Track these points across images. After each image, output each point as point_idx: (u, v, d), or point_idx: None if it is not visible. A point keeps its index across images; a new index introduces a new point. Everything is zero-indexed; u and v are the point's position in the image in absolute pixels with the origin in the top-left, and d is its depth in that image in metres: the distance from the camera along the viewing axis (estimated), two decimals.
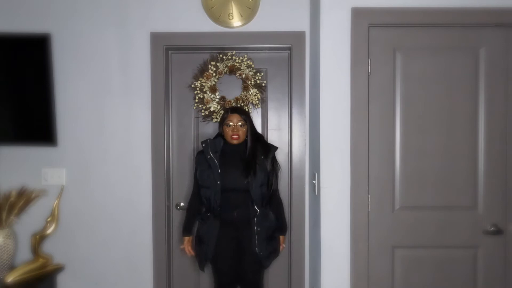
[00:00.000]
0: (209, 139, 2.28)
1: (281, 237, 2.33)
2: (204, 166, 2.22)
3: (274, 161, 2.30)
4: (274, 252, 2.29)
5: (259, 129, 2.54)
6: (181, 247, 2.34)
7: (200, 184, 2.24)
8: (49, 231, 2.39)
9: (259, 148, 2.24)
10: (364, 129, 1.99)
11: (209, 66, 2.45)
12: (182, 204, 2.61)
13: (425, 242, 2.03)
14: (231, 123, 2.21)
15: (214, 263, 2.26)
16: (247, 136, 2.25)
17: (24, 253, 2.47)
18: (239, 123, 2.21)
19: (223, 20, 2.43)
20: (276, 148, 2.31)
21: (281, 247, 2.33)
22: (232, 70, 2.46)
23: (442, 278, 2.04)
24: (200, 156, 2.26)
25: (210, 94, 2.47)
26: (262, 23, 2.45)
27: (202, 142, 2.27)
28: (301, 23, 2.45)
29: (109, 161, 2.49)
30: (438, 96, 2.01)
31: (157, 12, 2.45)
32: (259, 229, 2.19)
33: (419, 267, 2.04)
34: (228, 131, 2.21)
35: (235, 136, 2.20)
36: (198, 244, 2.27)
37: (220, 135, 2.28)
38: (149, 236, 2.50)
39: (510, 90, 2.01)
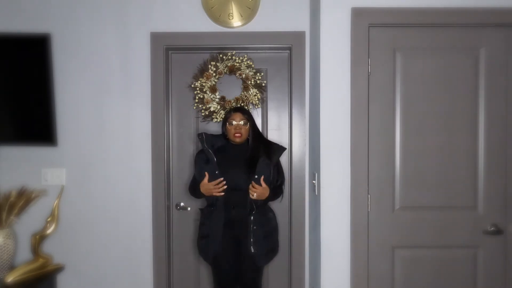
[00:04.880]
0: (205, 133, 2.31)
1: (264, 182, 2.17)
2: (203, 162, 2.25)
3: (279, 165, 2.33)
4: (272, 251, 2.29)
5: (259, 129, 2.53)
6: (216, 190, 2.16)
7: (200, 181, 2.25)
8: (49, 231, 2.38)
9: (261, 148, 2.26)
10: (364, 129, 1.99)
11: (209, 66, 2.45)
12: (182, 204, 2.61)
13: (425, 242, 2.03)
14: (234, 122, 2.24)
15: (215, 263, 2.26)
16: (249, 136, 2.28)
17: (24, 253, 2.47)
18: (241, 122, 2.24)
19: (223, 20, 2.43)
20: (284, 148, 2.32)
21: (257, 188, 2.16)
22: (232, 70, 2.46)
23: (442, 278, 2.04)
24: (200, 155, 2.30)
25: (210, 94, 2.47)
26: (262, 23, 2.45)
27: (198, 135, 2.30)
28: (301, 23, 2.45)
29: (109, 161, 2.49)
30: (438, 96, 2.01)
31: (157, 12, 2.45)
32: (255, 227, 2.20)
33: (419, 267, 2.04)
34: (231, 129, 2.25)
35: (237, 134, 2.23)
36: (202, 238, 2.28)
37: (223, 134, 2.32)
38: (149, 236, 2.50)
39: (510, 90, 2.01)
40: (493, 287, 2.04)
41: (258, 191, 2.17)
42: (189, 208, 2.61)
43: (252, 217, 2.20)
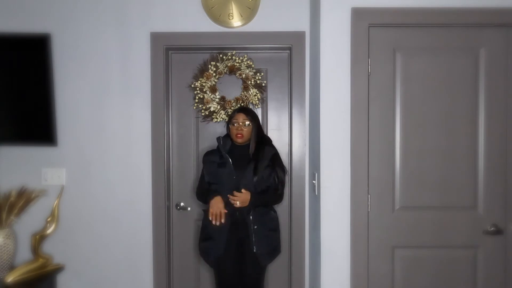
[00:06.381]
0: (221, 136, 2.32)
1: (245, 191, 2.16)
2: (215, 165, 2.24)
3: (276, 163, 2.27)
4: (274, 250, 2.29)
5: (263, 130, 2.48)
6: (212, 212, 2.15)
7: (212, 182, 2.25)
8: (49, 231, 2.39)
9: (262, 149, 2.25)
10: (364, 129, 1.99)
11: (209, 66, 2.45)
12: (182, 204, 2.61)
13: (425, 242, 2.03)
14: (236, 123, 2.24)
15: (217, 265, 2.26)
16: (252, 137, 2.26)
17: (24, 253, 2.46)
18: (244, 123, 2.24)
19: (223, 20, 2.43)
20: (273, 151, 2.28)
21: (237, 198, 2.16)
22: (232, 70, 2.46)
23: (442, 278, 2.04)
24: (209, 157, 2.30)
25: (210, 94, 2.47)
26: (262, 23, 2.45)
27: (217, 139, 2.31)
28: (301, 23, 2.45)
29: (109, 161, 2.49)
30: (438, 96, 2.01)
31: (157, 12, 2.45)
32: (255, 226, 2.20)
33: (419, 267, 2.04)
34: (233, 130, 2.25)
35: (239, 135, 2.23)
36: (205, 240, 2.27)
37: (228, 135, 2.32)
38: (149, 236, 2.50)
39: (510, 90, 2.01)
40: (493, 287, 2.04)
41: (240, 198, 2.15)
42: (189, 208, 2.61)
43: (251, 217, 2.19)
